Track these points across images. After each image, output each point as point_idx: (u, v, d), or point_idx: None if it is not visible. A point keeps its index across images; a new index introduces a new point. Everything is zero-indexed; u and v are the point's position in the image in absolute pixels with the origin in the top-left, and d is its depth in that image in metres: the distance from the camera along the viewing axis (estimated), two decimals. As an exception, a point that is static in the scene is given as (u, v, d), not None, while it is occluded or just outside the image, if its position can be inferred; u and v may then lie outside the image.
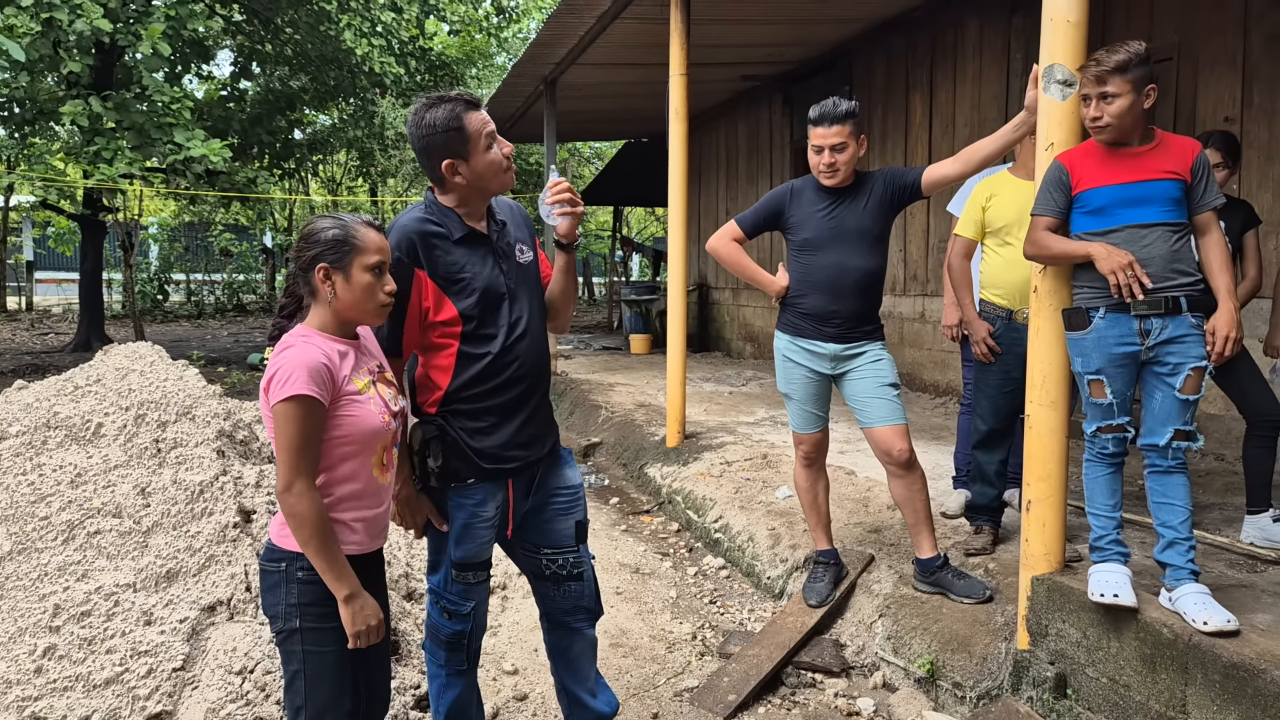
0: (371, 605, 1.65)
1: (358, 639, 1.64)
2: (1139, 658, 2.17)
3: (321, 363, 1.59)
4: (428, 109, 1.84)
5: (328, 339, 1.67)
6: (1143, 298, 2.16)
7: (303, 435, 1.56)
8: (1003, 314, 3.08)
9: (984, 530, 3.17)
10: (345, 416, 1.64)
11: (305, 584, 1.65)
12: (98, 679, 2.10)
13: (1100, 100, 2.19)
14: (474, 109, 1.86)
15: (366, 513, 1.71)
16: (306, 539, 1.58)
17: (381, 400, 1.71)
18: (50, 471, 2.43)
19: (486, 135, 1.85)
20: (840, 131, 2.73)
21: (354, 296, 1.65)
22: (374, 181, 18.54)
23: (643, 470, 5.15)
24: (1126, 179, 2.22)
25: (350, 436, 1.64)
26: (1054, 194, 2.31)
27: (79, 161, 9.15)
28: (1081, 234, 2.29)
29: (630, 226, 20.63)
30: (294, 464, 1.56)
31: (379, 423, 1.67)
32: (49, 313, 18.38)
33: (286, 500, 1.57)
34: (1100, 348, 2.24)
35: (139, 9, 9.13)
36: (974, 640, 2.65)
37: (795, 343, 2.90)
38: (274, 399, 1.56)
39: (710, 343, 10.20)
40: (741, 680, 2.70)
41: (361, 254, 1.64)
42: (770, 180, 8.85)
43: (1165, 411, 2.22)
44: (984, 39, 5.81)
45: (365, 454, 1.68)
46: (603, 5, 5.94)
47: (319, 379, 1.57)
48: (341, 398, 1.64)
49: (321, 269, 1.64)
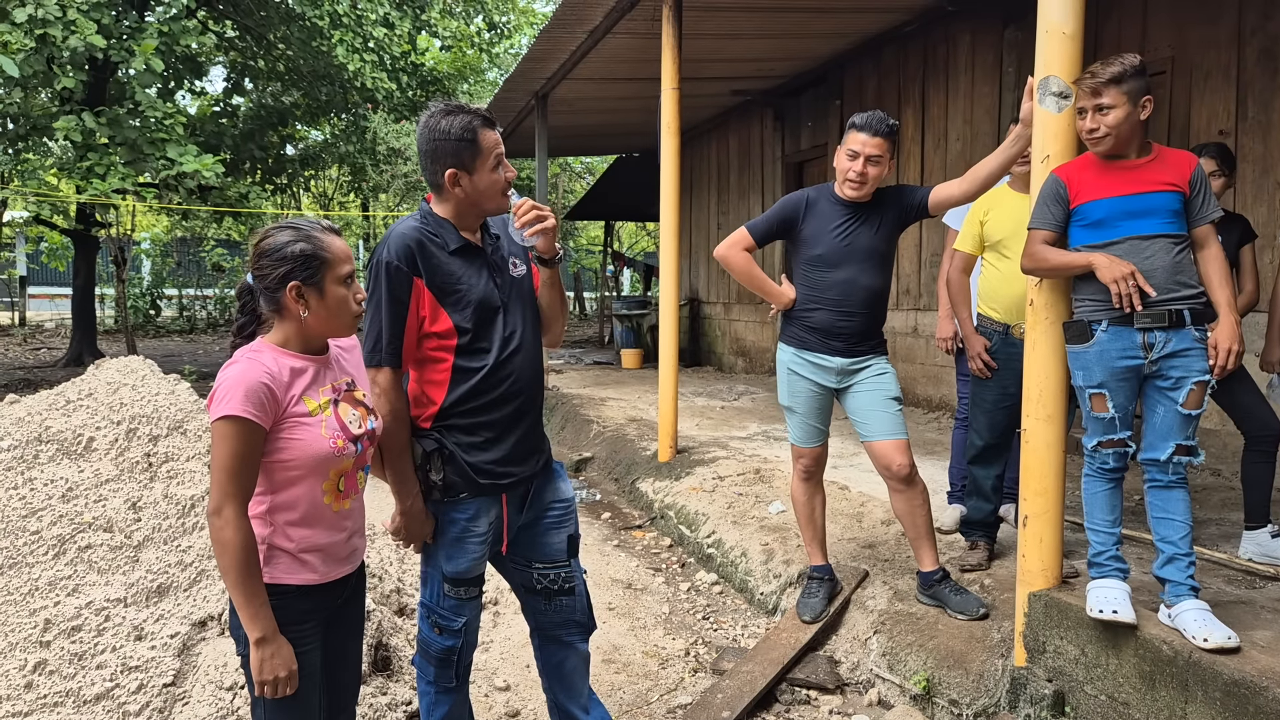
0: (285, 654, 1.52)
1: (264, 688, 1.51)
2: (1138, 675, 2.16)
3: (262, 382, 1.50)
4: (444, 115, 1.82)
5: (285, 355, 1.59)
6: (1144, 309, 2.15)
7: (235, 457, 1.47)
8: (999, 329, 3.09)
9: (979, 546, 3.17)
10: (289, 439, 1.54)
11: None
12: (88, 694, 2.07)
13: (1096, 112, 2.20)
14: (490, 126, 1.85)
15: (320, 540, 1.61)
16: (226, 568, 1.47)
17: (338, 423, 1.60)
18: (41, 486, 2.41)
19: (495, 155, 1.85)
20: (880, 144, 2.71)
21: (328, 312, 1.58)
22: (366, 196, 18.55)
23: (635, 485, 5.14)
24: (1127, 190, 2.22)
25: (294, 461, 1.55)
26: (1051, 207, 2.31)
27: (72, 177, 9.12)
28: (1081, 247, 2.28)
29: (621, 241, 20.68)
30: (224, 487, 1.47)
31: (327, 448, 1.57)
32: (42, 328, 18.25)
33: (214, 524, 1.47)
34: (1102, 361, 2.23)
35: (132, 25, 9.15)
36: (970, 657, 2.64)
37: (800, 355, 2.89)
38: (211, 416, 1.49)
39: (702, 357, 10.21)
40: (735, 697, 2.68)
41: (333, 266, 1.56)
42: (762, 194, 8.90)
43: (1167, 426, 2.21)
44: (976, 52, 5.88)
45: (313, 479, 1.58)
46: (594, 20, 5.98)
47: (256, 400, 1.49)
48: (286, 419, 1.54)
49: (294, 287, 1.55)
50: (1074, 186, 2.27)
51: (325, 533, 1.63)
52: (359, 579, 1.80)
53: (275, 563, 1.59)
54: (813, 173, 8.23)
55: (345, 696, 1.80)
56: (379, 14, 11.20)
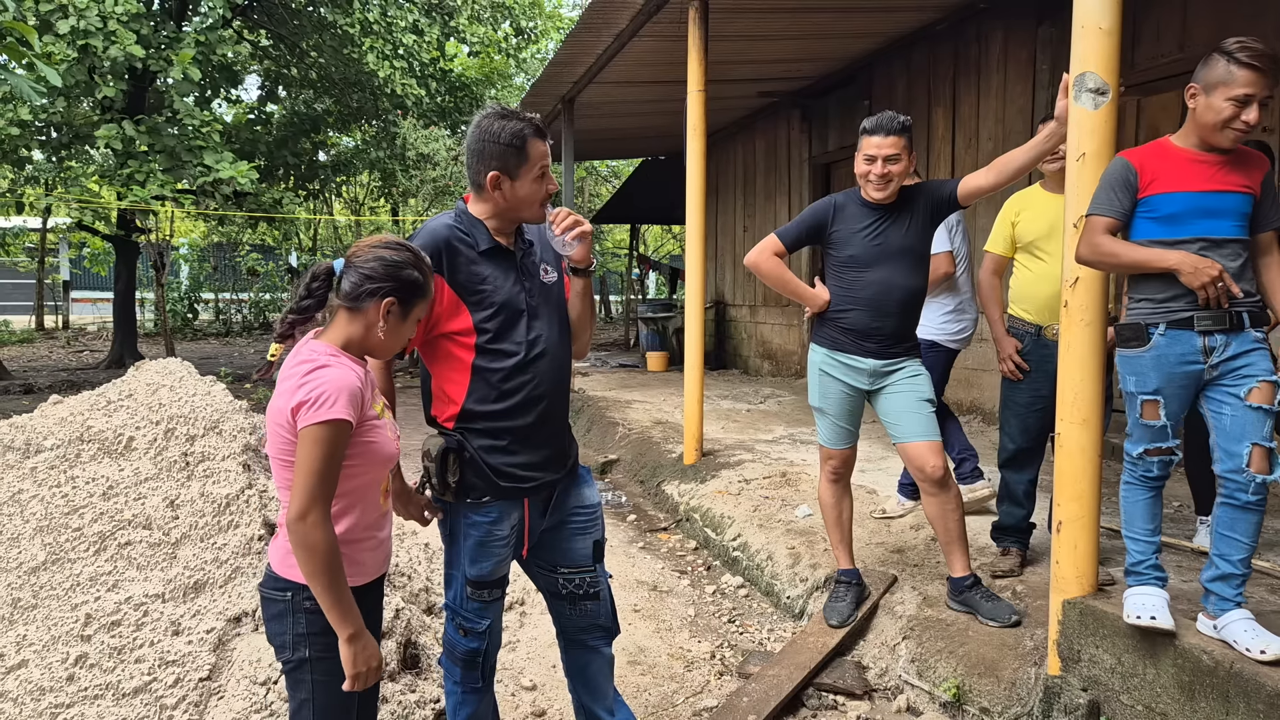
0: (373, 646, 1.57)
1: (356, 681, 1.55)
2: (1177, 685, 2.11)
3: (358, 387, 1.54)
4: (498, 118, 1.84)
5: (352, 360, 1.60)
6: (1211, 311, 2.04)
7: (329, 460, 1.48)
8: (1031, 330, 3.04)
9: (1011, 551, 3.12)
10: (367, 443, 1.58)
11: (313, 614, 1.57)
12: (127, 688, 2.12)
13: (1260, 105, 2.02)
14: (540, 137, 1.86)
15: (373, 539, 1.67)
16: (316, 572, 1.48)
17: (393, 425, 1.67)
18: (83, 484, 2.47)
19: (540, 166, 1.86)
20: (895, 143, 2.70)
21: (394, 337, 1.61)
22: (395, 201, 18.80)
23: (660, 487, 5.13)
24: (1204, 187, 2.10)
25: (369, 464, 1.58)
26: (1118, 194, 2.15)
27: (113, 184, 9.37)
28: (1145, 241, 2.16)
29: (647, 244, 20.71)
30: (314, 491, 1.47)
31: (392, 449, 1.64)
32: (84, 330, 18.77)
33: (299, 529, 1.47)
34: (1159, 367, 2.13)
35: (170, 36, 9.37)
36: (1002, 664, 2.60)
37: (833, 357, 2.87)
38: (309, 421, 1.47)
39: (727, 360, 10.18)
40: (761, 701, 2.66)
41: (423, 305, 1.63)
42: (789, 197, 8.85)
43: (1238, 426, 2.07)
44: (1009, 50, 5.80)
45: (377, 481, 1.63)
46: (621, 23, 6.00)
47: (356, 404, 1.51)
48: (365, 422, 1.57)
49: (389, 303, 1.59)
50: (1146, 174, 2.14)
51: (377, 531, 1.68)
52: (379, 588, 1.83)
53: None
54: (840, 174, 8.17)
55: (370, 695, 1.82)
56: (408, 21, 11.36)
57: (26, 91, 3.43)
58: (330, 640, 1.56)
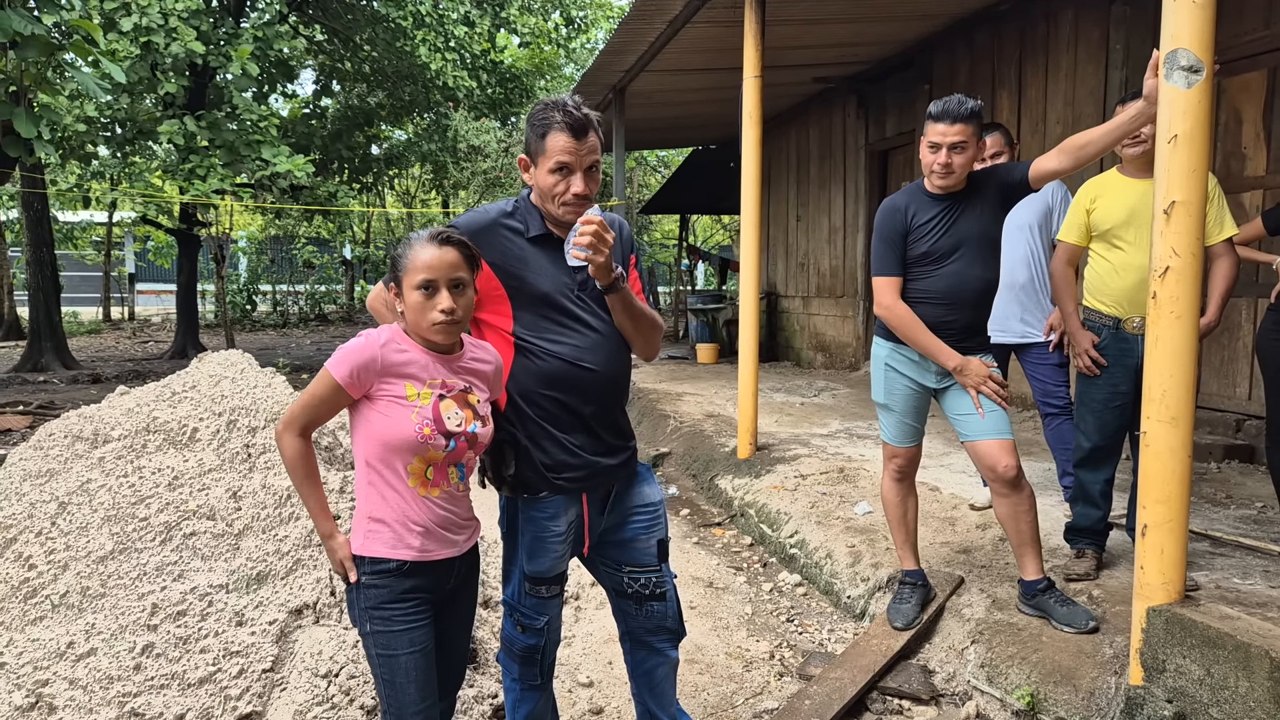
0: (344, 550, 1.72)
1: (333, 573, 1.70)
2: (1272, 699, 1.98)
3: (371, 357, 1.67)
4: (542, 106, 1.83)
5: (403, 339, 1.73)
6: None
7: (317, 398, 1.69)
8: (1109, 323, 2.89)
9: (1086, 554, 2.98)
10: (378, 414, 1.67)
11: (368, 587, 1.70)
12: (192, 678, 2.15)
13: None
14: (566, 132, 1.78)
15: (410, 519, 1.70)
16: (288, 472, 1.75)
17: (433, 414, 1.67)
18: (150, 474, 2.51)
19: (557, 162, 1.79)
20: (962, 130, 2.57)
21: (410, 312, 1.71)
22: (447, 194, 19.01)
23: (713, 481, 5.06)
24: None
25: (376, 436, 1.67)
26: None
27: (175, 178, 9.64)
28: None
29: (696, 235, 20.55)
30: (294, 412, 1.70)
31: (412, 433, 1.66)
32: (149, 322, 19.47)
33: (277, 434, 1.73)
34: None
35: (229, 32, 9.58)
36: (1079, 673, 2.47)
37: (900, 351, 2.76)
38: (328, 362, 1.69)
39: (779, 352, 10.03)
40: (824, 704, 2.59)
41: (409, 273, 1.69)
42: (844, 184, 8.65)
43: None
44: (1079, 30, 5.53)
45: (399, 459, 1.68)
46: (674, 9, 5.90)
47: (355, 372, 1.67)
48: (380, 396, 1.67)
49: (392, 287, 1.75)
50: None
51: (416, 516, 1.71)
52: (469, 572, 1.85)
53: (378, 536, 1.70)
54: (897, 161, 7.95)
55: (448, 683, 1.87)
56: (460, 13, 11.42)
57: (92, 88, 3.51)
58: (387, 614, 1.69)
